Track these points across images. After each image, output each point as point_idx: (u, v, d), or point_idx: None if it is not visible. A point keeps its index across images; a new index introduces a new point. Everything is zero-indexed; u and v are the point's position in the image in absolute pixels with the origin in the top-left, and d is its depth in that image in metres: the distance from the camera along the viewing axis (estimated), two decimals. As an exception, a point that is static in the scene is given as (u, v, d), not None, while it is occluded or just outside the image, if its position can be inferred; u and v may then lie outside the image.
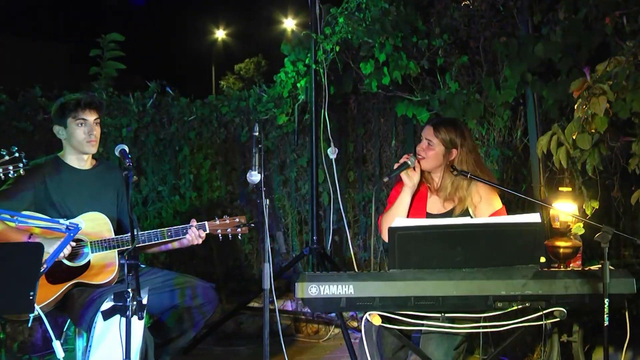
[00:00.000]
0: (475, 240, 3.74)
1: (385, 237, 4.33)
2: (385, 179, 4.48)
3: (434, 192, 4.50)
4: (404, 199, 4.43)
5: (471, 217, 4.32)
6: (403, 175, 4.42)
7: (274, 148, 7.12)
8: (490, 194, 4.39)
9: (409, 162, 4.39)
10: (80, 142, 4.62)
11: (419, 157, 4.43)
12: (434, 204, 4.49)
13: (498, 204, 4.39)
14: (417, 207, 4.47)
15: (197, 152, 7.19)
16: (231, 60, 33.19)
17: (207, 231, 4.67)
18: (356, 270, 5.44)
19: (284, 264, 6.77)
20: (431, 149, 4.42)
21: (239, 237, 4.75)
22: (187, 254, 6.88)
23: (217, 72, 34.10)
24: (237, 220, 4.71)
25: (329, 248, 6.69)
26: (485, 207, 4.35)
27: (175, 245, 4.77)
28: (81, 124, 4.60)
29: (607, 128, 4.55)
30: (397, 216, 4.36)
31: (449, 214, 4.40)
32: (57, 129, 4.67)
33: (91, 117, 4.63)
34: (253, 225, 4.68)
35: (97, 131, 4.66)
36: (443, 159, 4.41)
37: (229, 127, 7.21)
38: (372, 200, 6.92)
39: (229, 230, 4.70)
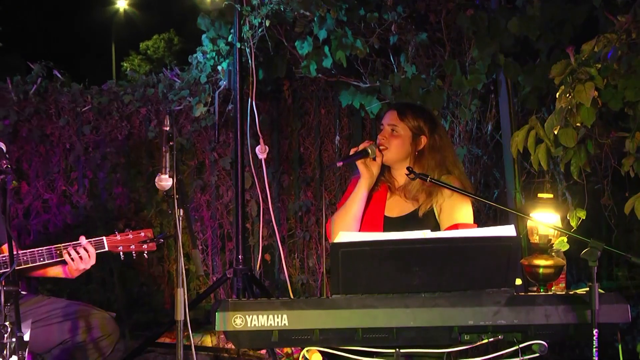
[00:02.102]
0: (437, 258, 3.74)
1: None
2: (339, 164, 4.50)
3: (394, 191, 4.51)
4: (359, 193, 4.44)
5: (435, 220, 4.34)
6: (360, 165, 4.43)
7: (189, 146, 7.10)
8: (461, 197, 4.39)
9: (369, 151, 4.39)
10: None
11: (381, 147, 4.43)
12: (394, 205, 4.50)
13: (466, 215, 4.41)
14: (373, 211, 4.48)
15: (94, 151, 7.13)
16: (136, 36, 33.04)
17: (106, 249, 4.63)
18: (291, 296, 5.44)
19: (202, 289, 6.75)
20: (396, 137, 4.43)
21: (145, 255, 4.72)
22: (80, 277, 6.79)
23: (118, 52, 33.88)
24: (143, 234, 4.69)
25: (257, 269, 6.68)
26: (449, 211, 4.37)
27: (60, 272, 4.73)
28: None
29: (595, 121, 4.60)
30: (351, 214, 4.41)
31: (412, 216, 4.42)
32: None
33: None
34: (162, 241, 4.66)
35: None
36: (410, 147, 4.43)
37: (133, 120, 7.17)
38: (310, 210, 6.94)
39: (132, 247, 4.67)
